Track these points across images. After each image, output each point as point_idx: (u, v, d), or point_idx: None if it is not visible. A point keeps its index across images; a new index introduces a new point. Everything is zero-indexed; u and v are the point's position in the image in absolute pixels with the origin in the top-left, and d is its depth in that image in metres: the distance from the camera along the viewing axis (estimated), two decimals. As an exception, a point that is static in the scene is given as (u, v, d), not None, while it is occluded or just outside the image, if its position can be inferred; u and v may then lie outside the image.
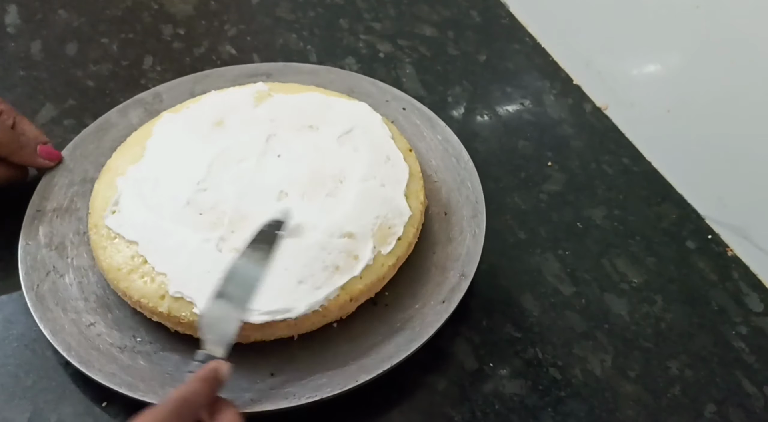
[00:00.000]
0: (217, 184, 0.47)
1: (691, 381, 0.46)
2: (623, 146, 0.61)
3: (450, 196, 0.52)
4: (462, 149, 0.54)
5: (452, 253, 0.48)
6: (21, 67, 0.62)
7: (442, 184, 0.53)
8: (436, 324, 0.44)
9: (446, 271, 0.47)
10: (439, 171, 0.53)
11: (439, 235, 0.50)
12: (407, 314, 0.45)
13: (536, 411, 0.44)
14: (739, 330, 0.49)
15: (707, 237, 0.55)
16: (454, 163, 0.53)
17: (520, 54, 0.69)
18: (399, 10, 0.73)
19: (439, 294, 0.46)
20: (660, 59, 0.61)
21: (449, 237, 0.49)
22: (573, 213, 0.55)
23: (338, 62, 0.66)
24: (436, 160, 0.54)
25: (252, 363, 0.43)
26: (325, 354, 0.43)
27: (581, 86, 0.66)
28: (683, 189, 0.58)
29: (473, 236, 0.48)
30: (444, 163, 0.54)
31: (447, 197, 0.52)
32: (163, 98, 0.57)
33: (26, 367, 0.44)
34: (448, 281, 0.46)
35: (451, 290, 0.46)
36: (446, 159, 0.54)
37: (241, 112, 0.52)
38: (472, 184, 0.52)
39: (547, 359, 0.47)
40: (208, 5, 0.71)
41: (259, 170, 0.48)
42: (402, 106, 0.57)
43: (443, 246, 0.49)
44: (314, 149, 0.50)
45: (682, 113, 0.58)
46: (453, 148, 0.54)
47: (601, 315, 0.49)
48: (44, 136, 0.52)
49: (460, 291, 0.45)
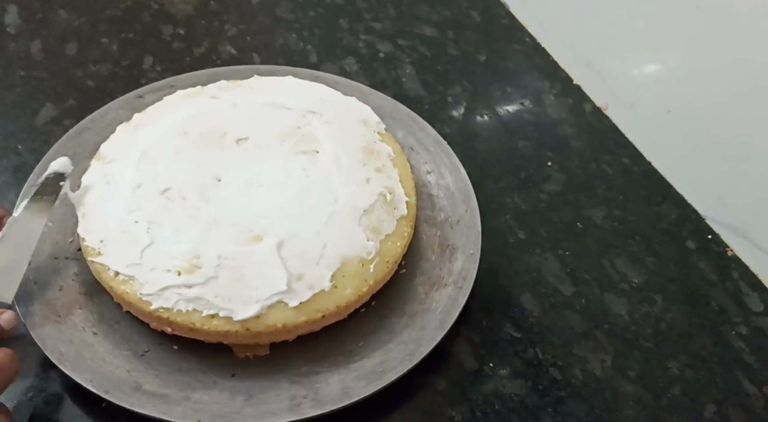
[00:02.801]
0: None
1: (691, 381, 0.46)
2: (623, 146, 0.61)
3: (395, 134, 0.54)
4: (382, 95, 0.57)
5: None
6: (21, 67, 0.62)
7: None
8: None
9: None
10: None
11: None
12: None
13: (536, 411, 0.44)
14: (739, 330, 0.49)
15: (707, 237, 0.55)
16: (391, 105, 0.57)
17: (520, 54, 0.69)
18: (399, 10, 0.73)
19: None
20: (660, 59, 0.61)
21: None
22: (573, 213, 0.55)
23: (338, 62, 0.66)
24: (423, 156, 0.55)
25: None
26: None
27: (581, 86, 0.66)
28: (683, 189, 0.58)
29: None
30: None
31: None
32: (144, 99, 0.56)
33: (26, 367, 0.44)
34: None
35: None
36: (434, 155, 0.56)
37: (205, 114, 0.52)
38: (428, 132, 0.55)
39: (547, 359, 0.47)
40: (208, 5, 0.71)
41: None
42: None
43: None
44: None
45: (682, 113, 0.58)
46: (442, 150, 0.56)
47: (601, 315, 0.49)
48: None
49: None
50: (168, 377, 0.42)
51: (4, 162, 0.55)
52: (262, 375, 0.43)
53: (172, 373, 0.42)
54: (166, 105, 0.53)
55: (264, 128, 0.50)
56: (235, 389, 0.42)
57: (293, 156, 0.48)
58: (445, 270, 0.48)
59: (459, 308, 0.45)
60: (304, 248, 0.43)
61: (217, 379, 0.42)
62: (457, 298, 0.46)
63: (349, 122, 0.51)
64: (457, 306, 0.45)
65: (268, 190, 0.46)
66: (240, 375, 0.43)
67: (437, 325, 0.44)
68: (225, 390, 0.42)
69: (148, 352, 0.42)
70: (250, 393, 0.41)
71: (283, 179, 0.47)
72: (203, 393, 0.41)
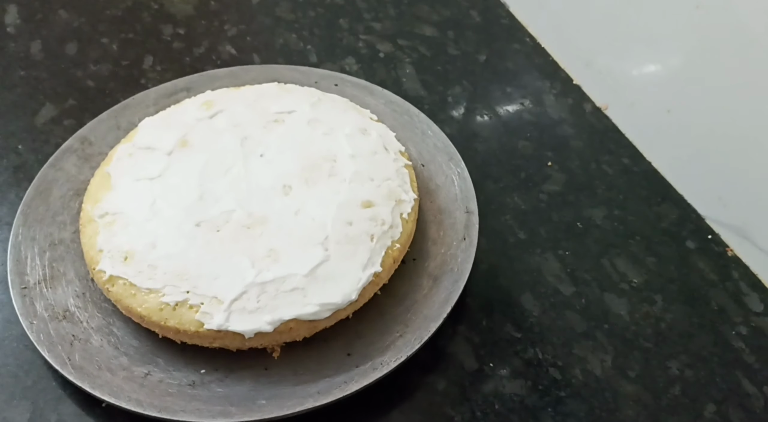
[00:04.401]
0: (216, 198, 0.46)
1: (691, 381, 0.46)
2: (623, 146, 0.61)
3: (407, 146, 0.55)
4: (409, 106, 0.57)
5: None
6: (21, 67, 0.62)
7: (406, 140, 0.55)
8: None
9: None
10: (396, 129, 0.55)
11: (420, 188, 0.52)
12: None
13: (536, 411, 0.44)
14: (739, 330, 0.49)
15: (707, 237, 0.55)
16: (407, 119, 0.56)
17: (520, 54, 0.69)
18: (399, 10, 0.73)
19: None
20: (660, 59, 0.61)
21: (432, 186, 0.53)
22: (573, 213, 0.55)
23: (338, 62, 0.66)
24: (388, 121, 0.56)
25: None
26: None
27: (581, 86, 0.66)
28: (683, 189, 0.58)
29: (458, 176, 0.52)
30: (397, 121, 0.56)
31: (407, 149, 0.54)
32: (91, 140, 0.54)
33: (26, 367, 0.44)
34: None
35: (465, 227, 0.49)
36: (397, 117, 0.56)
37: (199, 126, 0.51)
38: (432, 131, 0.55)
39: (547, 359, 0.47)
40: (208, 5, 0.71)
41: (250, 173, 0.47)
42: (333, 83, 0.59)
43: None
44: (292, 139, 0.50)
45: (682, 113, 0.58)
46: (399, 107, 0.57)
47: (601, 315, 0.49)
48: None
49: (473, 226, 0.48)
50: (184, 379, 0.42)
51: (4, 162, 0.55)
52: (262, 373, 0.43)
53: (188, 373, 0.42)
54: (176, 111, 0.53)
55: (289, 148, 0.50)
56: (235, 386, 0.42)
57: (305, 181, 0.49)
58: (446, 258, 0.48)
59: (458, 293, 0.45)
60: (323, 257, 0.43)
61: (223, 376, 0.42)
62: (457, 281, 0.46)
63: (372, 154, 0.50)
64: (456, 291, 0.45)
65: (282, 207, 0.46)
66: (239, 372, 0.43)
67: (437, 310, 0.44)
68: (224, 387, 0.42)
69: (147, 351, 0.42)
70: (249, 389, 0.41)
71: (300, 196, 0.47)
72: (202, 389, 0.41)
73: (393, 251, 0.45)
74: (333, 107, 0.53)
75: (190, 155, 0.49)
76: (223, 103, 0.53)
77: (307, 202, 0.45)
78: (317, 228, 0.44)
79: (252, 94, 0.54)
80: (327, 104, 0.53)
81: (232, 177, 0.47)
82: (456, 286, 0.45)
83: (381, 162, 0.49)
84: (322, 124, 0.51)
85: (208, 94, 0.54)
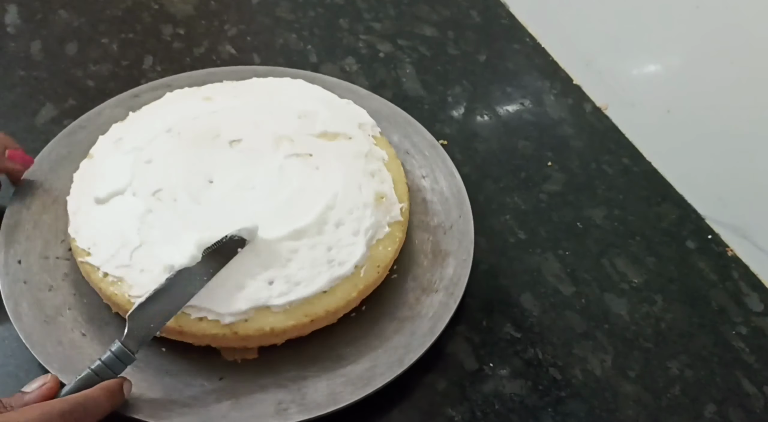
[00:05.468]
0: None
1: (691, 381, 0.46)
2: (623, 146, 0.61)
3: (391, 138, 0.55)
4: (379, 98, 0.57)
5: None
6: (21, 67, 0.62)
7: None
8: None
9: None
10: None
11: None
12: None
13: (536, 411, 0.44)
14: (739, 330, 0.49)
15: (707, 237, 0.55)
16: (388, 108, 0.57)
17: (520, 54, 0.69)
18: (399, 10, 0.73)
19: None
20: (660, 59, 0.61)
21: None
22: (573, 213, 0.55)
23: (338, 62, 0.66)
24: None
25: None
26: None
27: (581, 86, 0.66)
28: (683, 189, 0.58)
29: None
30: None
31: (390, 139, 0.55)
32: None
33: (26, 367, 0.44)
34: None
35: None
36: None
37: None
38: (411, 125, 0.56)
39: (547, 359, 0.47)
40: (208, 5, 0.71)
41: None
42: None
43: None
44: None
45: (682, 113, 0.58)
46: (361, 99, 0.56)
47: (601, 315, 0.49)
48: (14, 143, 0.48)
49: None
50: (155, 379, 0.42)
51: (4, 162, 0.55)
52: (250, 379, 0.42)
53: (159, 375, 0.42)
54: (161, 105, 0.53)
55: (258, 130, 0.50)
56: (222, 392, 0.41)
57: (286, 159, 0.48)
58: (437, 275, 0.47)
59: (450, 314, 0.45)
60: (294, 251, 0.43)
61: (204, 382, 0.42)
62: (448, 304, 0.45)
63: (344, 125, 0.51)
64: (448, 312, 0.45)
65: (260, 192, 0.46)
66: (228, 378, 0.42)
67: (427, 331, 0.44)
68: (212, 393, 0.41)
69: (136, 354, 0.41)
70: (237, 396, 0.41)
71: (275, 182, 0.47)
72: (190, 396, 0.41)
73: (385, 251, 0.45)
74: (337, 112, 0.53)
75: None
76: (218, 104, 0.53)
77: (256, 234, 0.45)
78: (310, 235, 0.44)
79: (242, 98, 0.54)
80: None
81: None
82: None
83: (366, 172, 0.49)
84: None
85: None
